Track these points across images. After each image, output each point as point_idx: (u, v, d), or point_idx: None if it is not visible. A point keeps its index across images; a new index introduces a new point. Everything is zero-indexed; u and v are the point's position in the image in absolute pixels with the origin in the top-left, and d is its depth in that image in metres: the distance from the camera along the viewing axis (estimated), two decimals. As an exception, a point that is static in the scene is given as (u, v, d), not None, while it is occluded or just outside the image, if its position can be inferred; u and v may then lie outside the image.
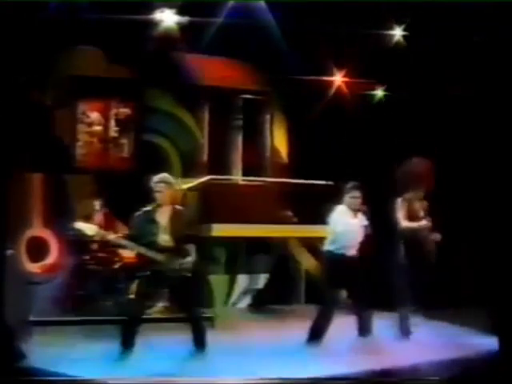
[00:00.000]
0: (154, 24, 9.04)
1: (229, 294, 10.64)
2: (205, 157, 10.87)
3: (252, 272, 10.85)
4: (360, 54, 9.55)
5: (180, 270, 7.05)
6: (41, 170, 9.89)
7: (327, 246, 7.96)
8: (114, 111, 10.54)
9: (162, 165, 10.52)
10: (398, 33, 9.18)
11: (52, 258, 9.69)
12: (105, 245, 8.85)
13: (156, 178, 7.20)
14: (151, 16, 8.93)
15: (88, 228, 7.11)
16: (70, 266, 9.48)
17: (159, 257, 7.00)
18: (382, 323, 8.20)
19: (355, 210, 7.95)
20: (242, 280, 10.75)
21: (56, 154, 10.04)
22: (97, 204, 9.60)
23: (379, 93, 10.68)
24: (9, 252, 7.53)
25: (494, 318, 7.14)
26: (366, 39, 9.03)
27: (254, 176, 10.75)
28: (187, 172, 10.57)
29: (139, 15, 8.76)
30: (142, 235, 7.03)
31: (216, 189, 9.92)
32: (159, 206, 7.14)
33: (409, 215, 8.34)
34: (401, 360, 7.05)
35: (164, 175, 7.25)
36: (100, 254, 9.37)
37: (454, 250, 9.62)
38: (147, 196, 6.92)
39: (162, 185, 7.13)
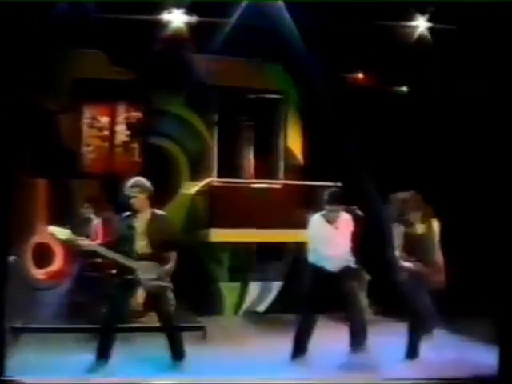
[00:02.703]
0: (162, 25, 8.94)
1: (239, 302, 10.41)
2: (214, 160, 10.72)
3: (264, 279, 10.57)
4: (377, 51, 9.32)
5: (156, 278, 6.81)
6: (47, 175, 9.86)
7: (309, 257, 7.41)
8: (123, 115, 10.45)
9: (170, 168, 10.40)
10: (417, 28, 8.86)
11: (57, 264, 9.68)
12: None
13: (130, 182, 6.98)
14: (159, 17, 8.82)
15: (60, 232, 6.88)
16: (74, 273, 9.33)
17: (134, 264, 6.78)
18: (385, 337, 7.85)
19: (332, 222, 7.32)
20: (253, 288, 10.50)
21: (63, 159, 9.98)
22: (90, 211, 9.40)
23: (398, 91, 10.45)
24: (12, 258, 7.46)
25: (494, 330, 6.84)
26: (383, 36, 8.77)
27: (268, 179, 10.59)
28: (197, 175, 10.46)
29: (147, 16, 8.63)
30: (120, 242, 6.84)
31: (218, 192, 9.83)
32: (137, 211, 6.89)
33: (407, 243, 7.51)
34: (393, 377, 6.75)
35: (138, 179, 7.02)
36: (98, 261, 9.17)
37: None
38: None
39: (136, 190, 6.91)
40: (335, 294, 7.35)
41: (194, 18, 8.81)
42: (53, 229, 6.91)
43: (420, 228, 7.59)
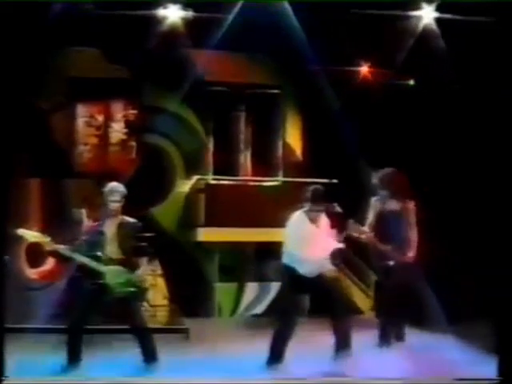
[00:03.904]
0: (157, 21, 8.84)
1: (236, 304, 10.25)
2: (210, 157, 10.60)
3: (262, 280, 10.41)
4: (378, 44, 9.14)
5: (124, 282, 6.80)
6: (41, 175, 9.83)
7: (283, 258, 7.02)
8: (118, 113, 10.35)
9: (166, 166, 10.29)
10: (421, 18, 8.67)
11: (49, 264, 9.53)
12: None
13: (112, 186, 6.97)
14: (154, 12, 8.73)
15: (30, 235, 6.90)
16: (67, 273, 9.21)
17: (103, 268, 6.76)
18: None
19: (315, 222, 6.96)
20: (250, 289, 10.34)
21: (57, 158, 9.93)
22: (82, 212, 9.28)
23: (401, 84, 10.27)
24: (5, 258, 7.40)
25: (494, 331, 6.75)
26: (385, 27, 8.62)
27: (265, 176, 10.45)
28: (193, 173, 10.35)
29: (142, 11, 8.53)
30: (89, 246, 6.81)
31: (213, 190, 9.78)
32: (108, 216, 6.90)
33: (377, 218, 7.65)
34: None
35: (117, 185, 7.01)
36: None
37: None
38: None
39: (118, 195, 6.91)
40: (313, 299, 7.15)
41: (190, 14, 8.73)
42: (22, 231, 6.92)
43: (392, 204, 7.65)
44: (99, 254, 6.80)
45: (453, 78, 8.92)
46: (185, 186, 10.20)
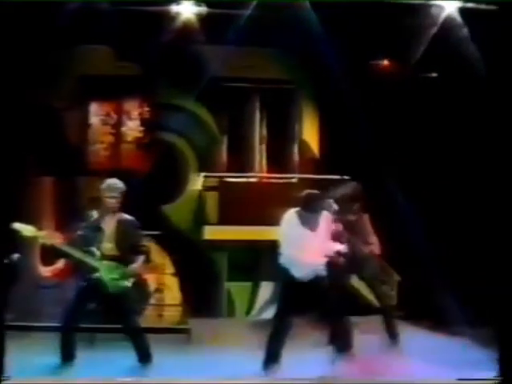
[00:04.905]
0: (170, 17, 8.76)
1: (251, 304, 10.10)
2: (224, 154, 10.48)
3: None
4: (398, 36, 8.91)
5: (119, 278, 6.77)
6: (54, 173, 9.84)
7: (279, 258, 6.80)
8: (131, 110, 10.31)
9: (180, 164, 10.22)
10: (443, 8, 8.36)
11: (62, 262, 9.44)
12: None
13: (110, 183, 6.97)
14: (167, 8, 8.67)
15: (26, 229, 6.80)
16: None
17: (96, 263, 6.75)
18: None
19: (308, 224, 6.66)
20: (265, 289, 10.14)
21: (71, 156, 9.94)
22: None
23: (422, 78, 9.94)
24: (15, 256, 7.41)
25: (495, 331, 6.61)
26: (404, 19, 8.43)
27: (281, 173, 10.29)
28: (206, 171, 10.22)
29: (155, 7, 8.51)
30: (86, 242, 6.78)
31: (228, 187, 9.71)
32: (106, 212, 6.88)
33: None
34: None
35: (115, 181, 7.00)
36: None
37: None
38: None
39: (117, 191, 6.91)
40: (309, 302, 6.95)
41: (203, 9, 8.65)
42: (18, 225, 6.81)
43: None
44: (95, 249, 6.76)
45: (477, 71, 8.65)
46: (199, 184, 10.09)
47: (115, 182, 6.97)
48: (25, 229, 6.79)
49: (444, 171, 9.33)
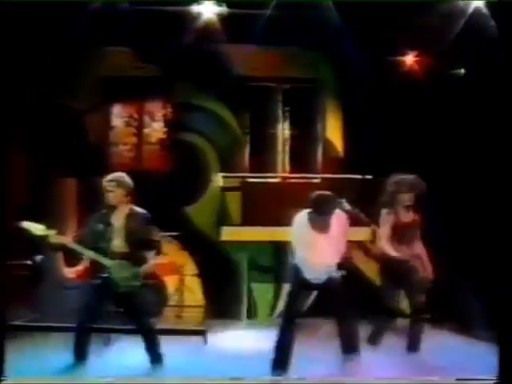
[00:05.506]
0: (191, 17, 8.76)
1: (273, 305, 10.00)
2: (247, 154, 10.45)
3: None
4: (423, 30, 8.71)
5: (131, 278, 6.68)
6: (78, 174, 9.86)
7: (292, 258, 6.64)
8: (153, 111, 10.36)
9: (202, 164, 10.26)
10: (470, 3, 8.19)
11: (85, 262, 9.45)
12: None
13: (108, 177, 6.86)
14: (188, 9, 8.67)
15: (35, 228, 6.70)
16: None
17: (107, 262, 6.67)
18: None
19: (319, 226, 6.46)
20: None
21: (94, 158, 9.94)
22: None
23: (449, 74, 9.69)
24: (39, 257, 7.42)
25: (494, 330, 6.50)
26: (429, 12, 8.25)
27: (304, 173, 10.19)
28: (228, 171, 10.16)
29: (175, 8, 8.51)
30: (95, 239, 6.71)
31: (250, 187, 9.67)
32: (114, 207, 6.78)
33: (395, 232, 7.17)
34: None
35: (116, 174, 6.88)
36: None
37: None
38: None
39: (114, 184, 6.78)
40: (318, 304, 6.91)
41: (224, 9, 8.63)
42: (27, 224, 6.74)
43: (405, 216, 7.24)
44: (105, 247, 6.69)
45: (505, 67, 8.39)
46: (221, 184, 10.06)
47: (120, 175, 6.86)
48: (34, 227, 6.71)
49: (472, 171, 9.13)
